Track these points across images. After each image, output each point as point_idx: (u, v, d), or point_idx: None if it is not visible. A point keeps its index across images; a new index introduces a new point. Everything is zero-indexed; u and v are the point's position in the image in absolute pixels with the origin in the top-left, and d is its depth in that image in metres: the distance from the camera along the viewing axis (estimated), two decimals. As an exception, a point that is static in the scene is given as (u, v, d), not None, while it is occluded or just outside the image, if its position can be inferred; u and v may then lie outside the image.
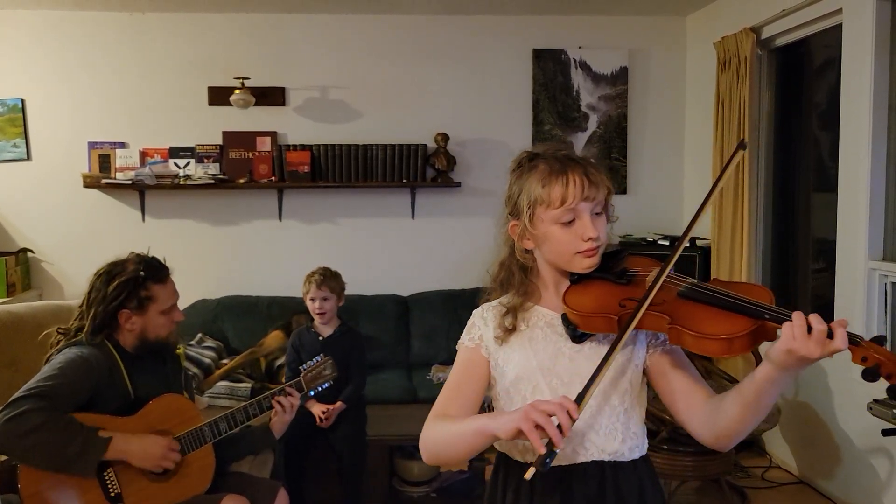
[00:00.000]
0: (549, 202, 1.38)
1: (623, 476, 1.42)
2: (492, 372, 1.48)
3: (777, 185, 4.31)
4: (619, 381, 1.42)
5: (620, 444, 1.42)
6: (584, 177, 1.39)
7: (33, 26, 4.66)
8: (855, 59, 3.34)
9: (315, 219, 4.92)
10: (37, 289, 4.73)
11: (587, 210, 1.39)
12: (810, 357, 1.15)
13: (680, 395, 1.40)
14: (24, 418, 1.97)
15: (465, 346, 1.51)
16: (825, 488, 3.69)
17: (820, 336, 1.15)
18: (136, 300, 2.25)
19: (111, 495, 2.14)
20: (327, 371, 2.62)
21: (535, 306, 1.48)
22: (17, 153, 4.70)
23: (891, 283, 3.28)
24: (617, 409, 1.42)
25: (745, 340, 1.23)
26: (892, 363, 1.13)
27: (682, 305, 1.32)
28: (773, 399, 1.27)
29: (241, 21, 4.78)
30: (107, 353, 2.24)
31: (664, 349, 1.43)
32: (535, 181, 1.40)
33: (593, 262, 1.41)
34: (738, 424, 1.29)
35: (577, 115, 4.98)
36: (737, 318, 1.25)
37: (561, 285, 1.45)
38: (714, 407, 1.33)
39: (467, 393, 1.46)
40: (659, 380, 1.43)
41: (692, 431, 1.38)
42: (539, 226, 1.41)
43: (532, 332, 1.45)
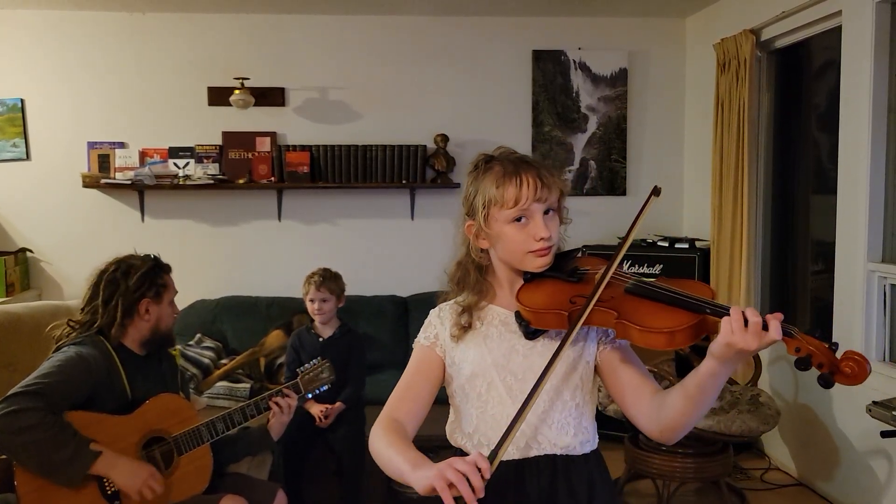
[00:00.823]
0: (503, 202, 1.44)
1: (574, 469, 1.47)
2: (447, 370, 1.52)
3: (776, 186, 4.31)
4: (571, 376, 1.47)
5: (572, 439, 1.47)
6: (536, 178, 1.44)
7: (33, 26, 4.66)
8: (854, 62, 3.34)
9: (314, 219, 4.92)
10: (36, 289, 4.73)
11: (539, 211, 1.45)
12: (748, 349, 1.21)
13: (628, 389, 1.44)
14: (19, 415, 1.98)
15: (421, 345, 1.56)
16: (824, 490, 3.69)
17: (755, 328, 1.20)
18: (155, 289, 2.34)
19: (108, 493, 2.15)
20: (325, 374, 2.62)
21: (490, 305, 1.53)
22: (16, 153, 4.70)
23: (890, 285, 3.28)
24: (569, 405, 1.47)
25: (687, 333, 1.28)
26: (823, 354, 1.20)
27: (629, 301, 1.37)
28: (715, 392, 1.31)
29: (240, 21, 4.78)
30: (105, 353, 2.24)
31: (613, 346, 1.48)
32: (489, 182, 1.46)
33: (545, 261, 1.46)
34: (681, 417, 1.34)
35: (576, 116, 4.98)
36: (679, 312, 1.30)
37: (515, 284, 1.50)
38: (660, 401, 1.38)
39: (418, 392, 1.50)
40: (608, 375, 1.48)
41: (639, 425, 1.43)
42: (493, 225, 1.46)
43: (487, 329, 1.50)
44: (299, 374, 2.60)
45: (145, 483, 2.14)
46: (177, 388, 2.43)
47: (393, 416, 1.45)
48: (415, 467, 1.28)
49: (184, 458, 2.27)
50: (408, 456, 1.32)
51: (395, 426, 1.42)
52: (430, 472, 1.20)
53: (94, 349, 2.23)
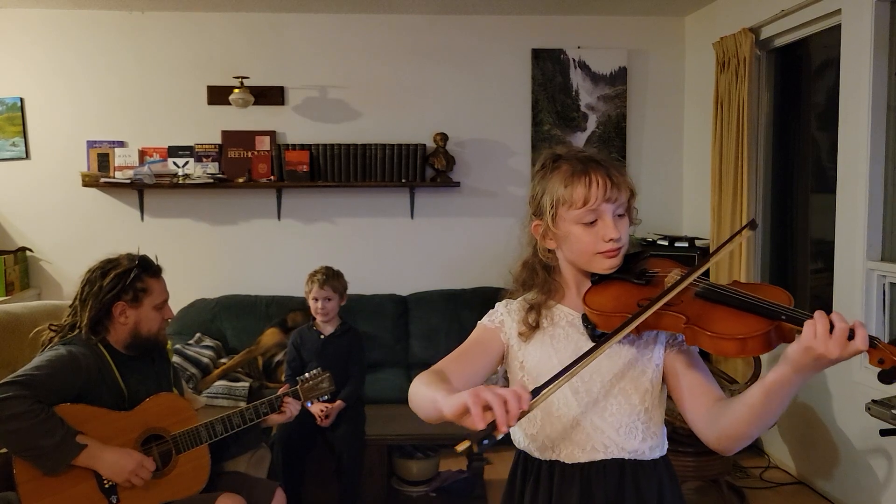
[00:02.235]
0: (572, 202, 1.40)
1: (643, 475, 1.43)
2: (510, 363, 1.49)
3: (776, 185, 4.31)
4: (640, 379, 1.43)
5: (641, 443, 1.43)
6: (606, 178, 1.40)
7: (32, 25, 4.66)
8: (854, 60, 3.34)
9: (314, 218, 4.92)
10: (35, 288, 4.73)
11: (609, 211, 1.41)
12: (829, 357, 1.13)
13: (688, 394, 1.40)
14: (5, 403, 1.99)
15: (485, 325, 1.51)
16: (823, 488, 3.69)
17: (842, 335, 1.13)
18: (132, 292, 2.27)
19: (105, 487, 2.16)
20: (325, 384, 2.62)
21: (558, 305, 1.49)
22: (15, 152, 4.70)
23: (889, 284, 3.28)
24: (637, 409, 1.43)
25: (760, 341, 1.22)
26: None
27: (699, 305, 1.33)
28: (782, 403, 1.24)
29: (240, 20, 4.78)
30: (96, 351, 2.25)
31: (680, 349, 1.44)
32: (557, 181, 1.42)
33: (614, 262, 1.42)
34: (742, 426, 1.28)
35: (576, 115, 4.98)
36: (753, 318, 1.25)
37: (582, 285, 1.47)
38: (721, 408, 1.33)
39: (472, 360, 1.45)
40: (671, 378, 1.44)
41: (697, 431, 1.39)
42: (561, 225, 1.42)
43: (554, 330, 1.46)
44: (299, 382, 2.60)
45: (133, 472, 2.14)
46: (170, 386, 2.42)
47: (441, 371, 1.37)
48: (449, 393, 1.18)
49: (182, 457, 2.28)
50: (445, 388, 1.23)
51: (439, 374, 1.34)
52: (466, 392, 1.11)
53: (84, 348, 2.23)
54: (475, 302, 4.73)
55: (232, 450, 2.52)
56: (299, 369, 3.42)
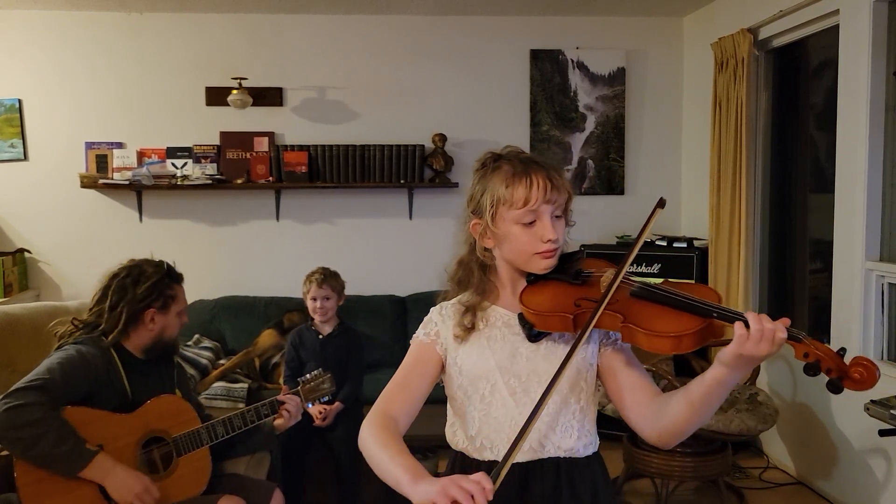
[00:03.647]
0: (512, 202, 1.42)
1: (577, 472, 1.46)
2: (447, 369, 1.51)
3: (774, 185, 4.31)
4: (576, 380, 1.46)
5: (576, 442, 1.46)
6: (546, 179, 1.43)
7: (30, 26, 4.66)
8: (852, 60, 3.34)
9: (312, 219, 4.91)
10: (34, 289, 4.73)
11: (548, 212, 1.43)
12: (759, 356, 1.20)
13: (627, 392, 1.43)
14: (22, 410, 2.00)
15: (420, 341, 1.54)
16: (822, 489, 3.69)
17: (769, 335, 1.19)
18: (163, 300, 2.34)
19: None
20: (326, 385, 2.62)
21: (493, 306, 1.51)
22: (14, 153, 4.70)
23: (888, 284, 3.29)
24: (573, 408, 1.46)
25: (694, 338, 1.28)
26: (831, 359, 1.20)
27: (635, 304, 1.36)
28: (720, 400, 1.30)
29: (238, 21, 4.78)
30: (105, 353, 2.26)
31: (615, 348, 1.47)
32: (498, 181, 1.45)
33: (551, 263, 1.45)
34: (682, 424, 1.33)
35: (574, 115, 4.98)
36: (686, 316, 1.30)
37: (518, 285, 1.49)
38: (660, 405, 1.37)
39: (413, 389, 1.48)
40: (608, 377, 1.47)
41: (636, 428, 1.42)
42: (500, 225, 1.45)
43: (490, 331, 1.48)
44: (300, 384, 2.60)
45: (138, 496, 2.14)
46: (174, 388, 2.43)
47: (386, 412, 1.42)
48: (414, 479, 1.24)
49: (183, 459, 2.28)
50: (404, 463, 1.28)
51: (386, 423, 1.39)
52: (433, 489, 1.17)
53: (94, 348, 2.24)
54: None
55: (238, 449, 2.52)
56: (298, 369, 3.43)
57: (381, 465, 1.33)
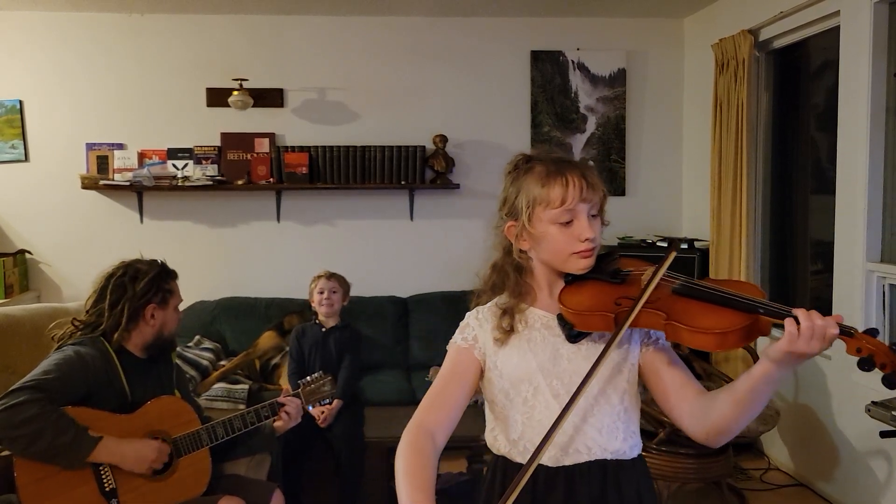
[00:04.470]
0: (549, 202, 1.41)
1: (624, 474, 1.44)
2: (487, 374, 1.48)
3: (775, 186, 4.31)
4: (617, 379, 1.44)
5: (622, 443, 1.44)
6: (582, 178, 1.41)
7: (32, 27, 4.66)
8: (852, 62, 3.34)
9: (313, 220, 4.91)
10: (35, 290, 4.73)
11: (584, 211, 1.42)
12: (810, 353, 1.18)
13: (672, 391, 1.41)
14: (19, 408, 2.01)
15: (458, 346, 1.51)
16: (824, 490, 3.69)
17: (821, 332, 1.17)
18: (161, 294, 2.36)
19: (106, 490, 2.16)
20: (326, 387, 2.62)
21: (530, 307, 1.49)
22: (15, 154, 4.70)
23: (888, 285, 3.28)
24: (617, 408, 1.44)
25: (739, 335, 1.25)
26: (885, 353, 1.18)
27: (677, 302, 1.34)
28: (767, 396, 1.28)
29: (239, 22, 4.78)
30: (104, 353, 2.26)
31: (657, 347, 1.45)
32: (533, 182, 1.43)
33: (588, 262, 1.43)
34: (730, 421, 1.31)
35: (575, 116, 4.98)
36: (731, 313, 1.27)
37: (555, 286, 1.47)
38: (707, 403, 1.35)
39: (451, 401, 1.45)
40: (651, 377, 1.45)
41: (683, 427, 1.40)
42: (537, 226, 1.43)
43: (529, 333, 1.46)
44: (301, 386, 2.60)
45: (156, 458, 2.20)
46: (172, 388, 2.43)
47: (423, 425, 1.40)
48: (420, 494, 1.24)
49: (183, 460, 2.28)
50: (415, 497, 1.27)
51: (420, 442, 1.37)
52: None
53: (93, 349, 2.24)
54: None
55: (239, 450, 2.52)
56: (301, 361, 3.50)
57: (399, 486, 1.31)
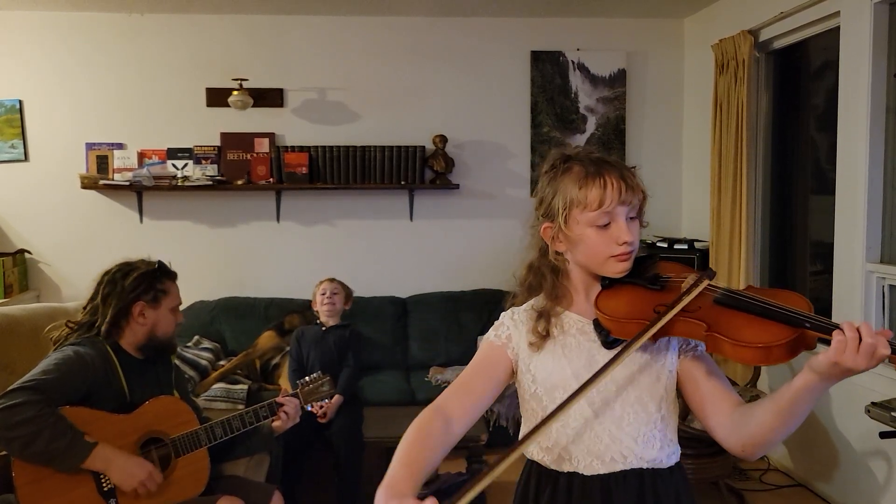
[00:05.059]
0: (586, 204, 1.36)
1: (661, 483, 1.41)
2: (520, 376, 1.45)
3: (775, 187, 4.31)
4: (656, 387, 1.40)
5: (659, 452, 1.41)
6: (621, 180, 1.37)
7: (31, 27, 4.66)
8: (853, 62, 3.34)
9: (313, 220, 4.91)
10: (34, 290, 4.73)
11: (623, 214, 1.37)
12: (857, 369, 1.14)
13: (709, 401, 1.38)
14: (17, 409, 2.00)
15: (490, 342, 1.47)
16: (823, 491, 3.69)
17: (870, 349, 1.13)
18: (153, 293, 2.34)
19: (104, 490, 2.15)
20: (325, 388, 2.62)
21: (566, 311, 1.45)
22: (14, 154, 4.70)
23: (888, 286, 3.28)
24: (654, 416, 1.40)
25: (785, 349, 1.20)
26: None
27: (719, 313, 1.29)
28: (807, 409, 1.24)
29: (239, 22, 4.78)
30: (103, 353, 2.26)
31: (695, 355, 1.41)
32: (570, 183, 1.39)
33: (626, 266, 1.39)
34: (768, 432, 1.27)
35: (575, 117, 4.98)
36: (776, 326, 1.22)
37: (591, 290, 1.43)
38: (743, 414, 1.31)
39: (476, 391, 1.42)
40: (688, 386, 1.42)
41: (719, 438, 1.37)
42: (574, 228, 1.39)
43: (565, 338, 1.43)
44: (299, 386, 2.60)
45: (142, 482, 2.15)
46: (171, 389, 2.42)
47: (442, 409, 1.36)
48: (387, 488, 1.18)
49: (181, 460, 2.27)
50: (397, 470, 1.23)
51: (432, 425, 1.33)
52: None
53: (92, 349, 2.24)
54: (474, 304, 4.73)
55: (238, 451, 2.52)
56: (301, 361, 3.50)
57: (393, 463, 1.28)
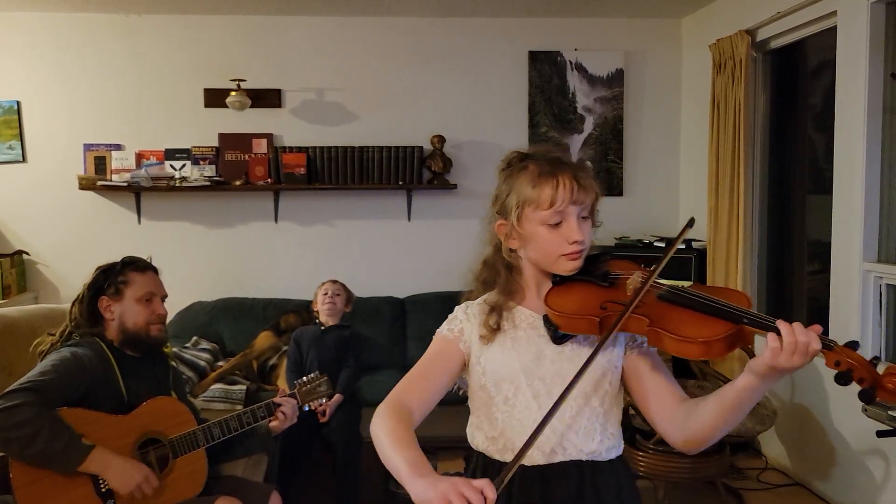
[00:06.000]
0: (538, 203, 1.40)
1: (601, 476, 1.44)
2: (471, 368, 1.48)
3: (772, 186, 4.31)
4: (600, 382, 1.44)
5: (598, 444, 1.44)
6: (573, 180, 1.40)
7: (29, 28, 4.66)
8: (850, 62, 3.35)
9: (311, 221, 4.91)
10: (32, 291, 4.72)
11: (574, 213, 1.41)
12: (792, 368, 1.18)
13: (653, 396, 1.42)
14: (13, 411, 2.00)
15: (443, 336, 1.51)
16: (820, 490, 3.69)
17: (803, 348, 1.17)
18: (114, 286, 2.33)
19: (102, 491, 2.15)
20: (322, 388, 2.61)
21: (518, 306, 1.49)
22: (12, 155, 4.69)
23: (885, 285, 3.29)
24: (597, 410, 1.44)
25: (724, 344, 1.25)
26: (864, 368, 1.16)
27: (663, 308, 1.33)
28: (750, 406, 1.28)
29: (237, 23, 4.78)
30: (100, 352, 2.26)
31: (641, 351, 1.45)
32: (525, 182, 1.42)
33: (576, 264, 1.43)
34: (710, 430, 1.31)
35: (572, 117, 4.98)
36: (716, 321, 1.26)
37: (543, 286, 1.47)
38: (688, 410, 1.35)
39: (432, 382, 1.46)
40: (633, 381, 1.45)
41: (662, 432, 1.41)
42: (526, 226, 1.43)
43: (515, 332, 1.46)
44: (297, 386, 2.60)
45: (139, 486, 2.14)
46: (168, 390, 2.42)
47: (401, 400, 1.39)
48: (414, 473, 1.21)
49: (179, 460, 2.27)
50: (409, 456, 1.25)
51: (399, 412, 1.36)
52: (432, 492, 1.14)
53: (89, 350, 2.24)
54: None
55: (236, 451, 2.52)
56: (299, 362, 3.50)
57: (385, 453, 1.30)
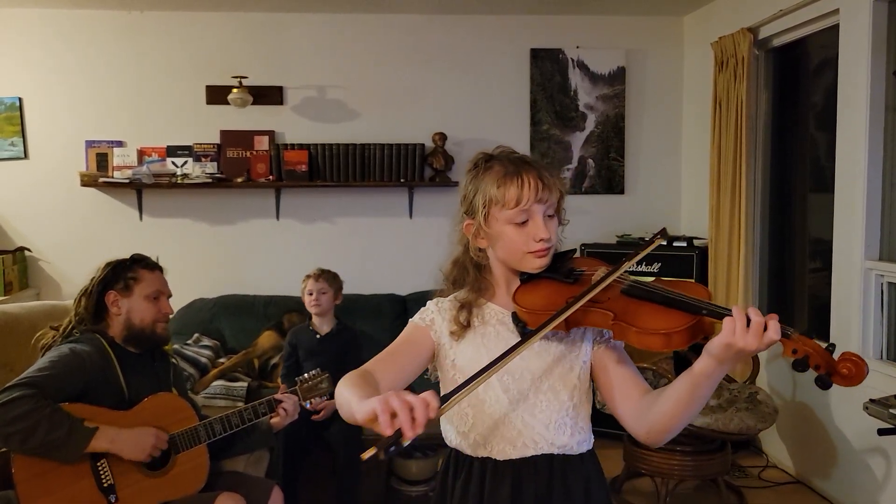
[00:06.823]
0: (504, 202, 1.43)
1: (570, 469, 1.46)
2: (441, 362, 1.50)
3: (774, 185, 4.31)
4: (569, 376, 1.47)
5: (569, 438, 1.46)
6: (538, 179, 1.43)
7: (31, 25, 4.66)
8: (852, 60, 3.34)
9: (312, 218, 4.92)
10: (34, 288, 4.73)
11: (540, 212, 1.44)
12: (748, 349, 1.20)
13: (618, 388, 1.44)
14: (13, 405, 2.01)
15: (416, 324, 1.54)
16: (822, 488, 3.69)
17: (758, 329, 1.19)
18: (123, 282, 2.35)
19: (104, 486, 2.16)
20: (323, 385, 2.62)
21: (488, 303, 1.52)
22: (14, 152, 4.70)
23: (887, 283, 3.29)
24: (566, 405, 1.46)
25: (684, 335, 1.28)
26: (820, 355, 1.20)
27: (625, 302, 1.37)
28: (708, 393, 1.30)
29: (239, 20, 4.78)
30: (101, 349, 2.26)
31: (608, 346, 1.48)
32: (490, 181, 1.46)
33: (543, 262, 1.46)
34: (669, 419, 1.33)
35: (574, 114, 4.98)
36: (676, 314, 1.30)
37: (512, 284, 1.50)
38: (649, 402, 1.37)
39: (400, 361, 1.47)
40: (599, 374, 1.48)
41: (626, 425, 1.42)
42: (493, 225, 1.46)
43: (485, 328, 1.49)
44: (298, 383, 2.60)
45: (154, 447, 2.18)
46: (169, 386, 2.43)
47: (368, 371, 1.39)
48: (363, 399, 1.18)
49: (181, 456, 2.28)
50: (362, 393, 1.23)
51: (363, 376, 1.35)
52: (375, 402, 1.11)
53: (88, 346, 2.25)
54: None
55: (237, 447, 2.52)
56: (295, 368, 3.46)
57: (343, 403, 1.27)
